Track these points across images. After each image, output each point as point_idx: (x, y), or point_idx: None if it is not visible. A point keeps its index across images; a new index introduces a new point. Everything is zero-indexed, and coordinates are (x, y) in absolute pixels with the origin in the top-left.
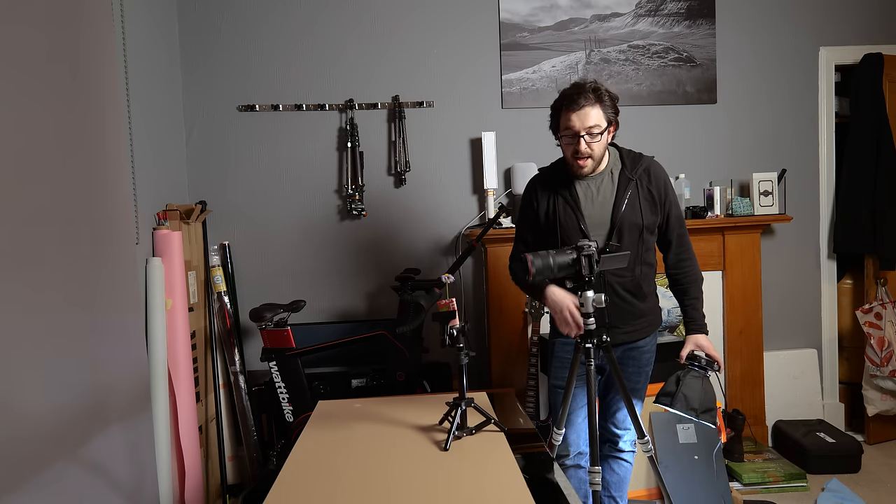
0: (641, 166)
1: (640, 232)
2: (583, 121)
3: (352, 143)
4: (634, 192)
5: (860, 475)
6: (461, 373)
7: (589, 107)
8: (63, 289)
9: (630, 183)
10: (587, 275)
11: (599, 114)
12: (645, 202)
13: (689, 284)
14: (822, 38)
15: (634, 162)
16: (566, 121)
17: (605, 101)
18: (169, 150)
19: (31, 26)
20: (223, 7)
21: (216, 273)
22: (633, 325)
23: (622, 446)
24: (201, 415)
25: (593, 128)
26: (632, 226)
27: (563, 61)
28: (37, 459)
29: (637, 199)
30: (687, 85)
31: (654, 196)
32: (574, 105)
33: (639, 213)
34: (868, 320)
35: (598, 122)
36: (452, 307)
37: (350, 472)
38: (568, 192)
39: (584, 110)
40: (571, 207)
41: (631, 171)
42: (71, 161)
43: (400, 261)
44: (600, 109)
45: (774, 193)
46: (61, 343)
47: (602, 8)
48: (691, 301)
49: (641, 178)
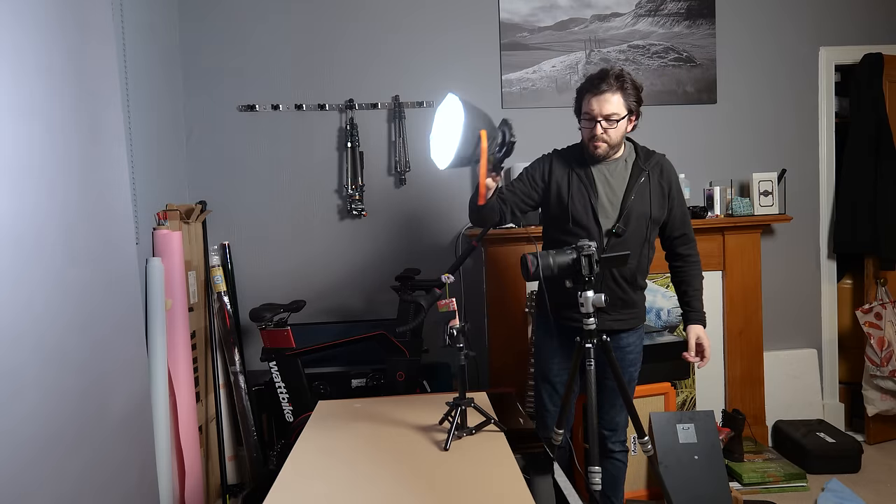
0: (654, 160)
1: (646, 223)
2: (602, 106)
3: (352, 143)
4: (646, 183)
5: (860, 475)
6: (461, 373)
7: (610, 93)
8: (62, 289)
9: (643, 173)
10: (587, 275)
11: (620, 101)
12: (654, 194)
13: (693, 277)
14: (822, 38)
15: (648, 155)
16: (587, 104)
17: (628, 89)
18: (169, 150)
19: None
20: (223, 7)
21: (216, 273)
22: (622, 314)
23: (611, 446)
24: (201, 415)
25: (612, 115)
26: (640, 214)
27: (563, 61)
28: (36, 459)
29: (647, 189)
30: (687, 85)
31: (664, 190)
32: (595, 90)
33: (648, 204)
34: (868, 320)
35: (617, 110)
36: (452, 307)
37: (350, 472)
38: (584, 172)
39: (605, 96)
40: (585, 187)
41: (644, 163)
42: (70, 161)
43: (400, 261)
44: (621, 97)
45: (774, 193)
46: (60, 343)
47: (602, 8)
48: (694, 292)
49: (654, 171)
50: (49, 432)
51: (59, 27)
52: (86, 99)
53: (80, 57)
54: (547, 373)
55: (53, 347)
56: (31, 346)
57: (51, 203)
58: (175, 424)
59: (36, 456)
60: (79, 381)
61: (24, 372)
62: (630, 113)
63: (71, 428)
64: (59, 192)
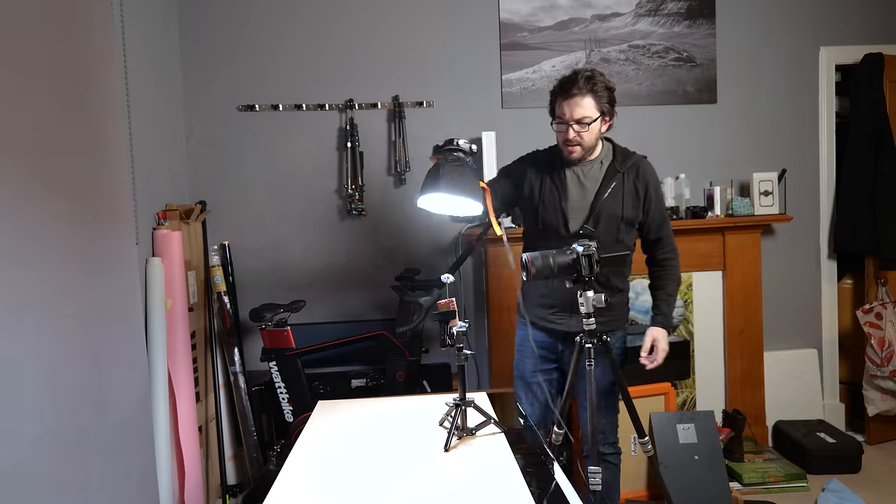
0: (631, 161)
1: (617, 223)
2: (572, 110)
3: (352, 143)
4: (619, 184)
5: (860, 475)
6: (461, 373)
7: (580, 96)
8: (63, 289)
9: (617, 175)
10: (587, 275)
11: (591, 104)
12: (629, 196)
13: (668, 281)
14: (822, 38)
15: (625, 157)
16: (559, 108)
17: (599, 91)
18: (169, 150)
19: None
20: (223, 7)
21: (216, 273)
22: (600, 317)
23: (601, 449)
24: (201, 415)
25: (584, 118)
26: (610, 216)
27: (564, 61)
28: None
29: (621, 191)
30: (687, 85)
31: (639, 192)
32: (566, 93)
33: (620, 205)
34: (868, 320)
35: (588, 113)
36: (452, 307)
37: (350, 472)
38: (556, 175)
39: (575, 100)
40: (557, 188)
41: (620, 164)
42: (71, 161)
43: (400, 261)
44: (593, 99)
45: (774, 193)
46: (61, 343)
47: (602, 8)
48: (666, 297)
49: (629, 173)
50: (49, 432)
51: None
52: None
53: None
54: (523, 372)
55: (53, 347)
56: (31, 346)
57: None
58: (175, 424)
59: (36, 456)
60: (79, 380)
61: (24, 371)
62: (603, 114)
63: (71, 428)
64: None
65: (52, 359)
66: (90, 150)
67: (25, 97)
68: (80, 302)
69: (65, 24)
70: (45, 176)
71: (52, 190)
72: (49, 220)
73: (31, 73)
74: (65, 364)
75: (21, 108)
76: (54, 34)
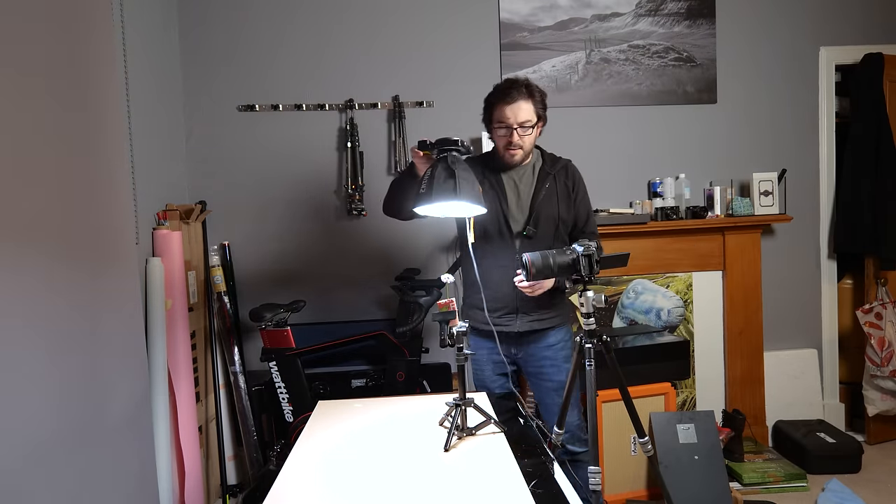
0: (560, 164)
1: (555, 224)
2: (516, 114)
3: (352, 143)
4: (552, 186)
5: (860, 475)
6: (461, 373)
7: (522, 101)
8: (62, 289)
9: (549, 177)
10: (587, 275)
11: (531, 108)
12: (561, 196)
13: None
14: (822, 38)
15: (554, 160)
16: (500, 114)
17: (536, 96)
18: (169, 150)
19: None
20: (223, 7)
21: (216, 273)
22: (538, 314)
23: (571, 448)
24: (201, 415)
25: (526, 122)
26: (548, 217)
27: (563, 61)
28: (36, 459)
29: (555, 192)
30: (687, 85)
31: (570, 192)
32: (508, 98)
33: (555, 206)
34: (868, 320)
35: (529, 117)
36: (452, 307)
37: (350, 472)
38: (495, 180)
39: (518, 104)
40: (497, 192)
41: (550, 167)
42: (70, 161)
43: (400, 261)
44: (531, 104)
45: (774, 193)
46: (60, 343)
47: (602, 8)
48: None
49: (559, 175)
50: (49, 432)
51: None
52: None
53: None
54: (484, 381)
55: (53, 347)
56: (31, 346)
57: (51, 203)
58: (175, 424)
59: (36, 456)
60: (79, 380)
61: (23, 371)
62: (539, 119)
63: (71, 428)
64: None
65: (51, 358)
66: (90, 150)
67: (25, 97)
68: (79, 302)
69: (65, 24)
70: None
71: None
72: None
73: (31, 73)
74: (64, 364)
75: (21, 108)
76: (54, 34)
